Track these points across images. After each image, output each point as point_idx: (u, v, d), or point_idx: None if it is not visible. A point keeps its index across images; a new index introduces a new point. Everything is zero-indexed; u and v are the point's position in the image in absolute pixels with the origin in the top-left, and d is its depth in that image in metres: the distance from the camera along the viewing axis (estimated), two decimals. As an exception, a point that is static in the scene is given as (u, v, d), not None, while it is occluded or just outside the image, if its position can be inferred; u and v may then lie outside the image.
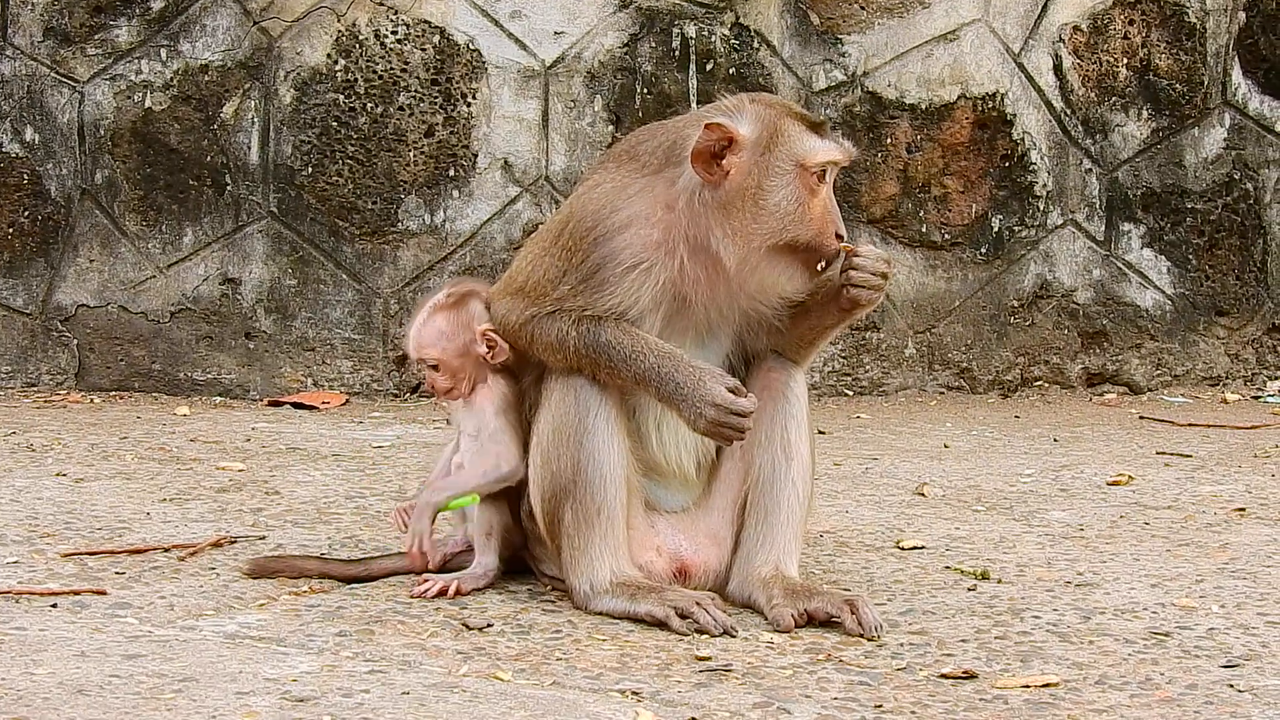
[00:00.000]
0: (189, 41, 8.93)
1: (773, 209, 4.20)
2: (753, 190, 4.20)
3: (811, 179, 4.22)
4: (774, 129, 4.24)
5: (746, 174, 4.21)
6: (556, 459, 4.30)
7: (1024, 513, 5.92)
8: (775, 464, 4.43)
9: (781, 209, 4.20)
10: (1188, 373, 9.99)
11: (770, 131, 4.24)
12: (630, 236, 4.26)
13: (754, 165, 4.21)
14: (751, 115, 4.27)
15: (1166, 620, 4.34)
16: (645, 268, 4.25)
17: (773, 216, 4.20)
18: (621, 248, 4.25)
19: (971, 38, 9.51)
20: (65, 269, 8.99)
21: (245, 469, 6.48)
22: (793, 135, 4.24)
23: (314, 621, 4.12)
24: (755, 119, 4.26)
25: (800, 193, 4.21)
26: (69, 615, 4.12)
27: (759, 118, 4.26)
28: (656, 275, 4.26)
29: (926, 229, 9.52)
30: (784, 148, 4.23)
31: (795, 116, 4.30)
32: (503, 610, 4.30)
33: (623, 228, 4.27)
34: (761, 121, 4.25)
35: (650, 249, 4.25)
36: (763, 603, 4.30)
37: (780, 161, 4.22)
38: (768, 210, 4.20)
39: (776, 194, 4.20)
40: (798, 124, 4.27)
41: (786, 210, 4.20)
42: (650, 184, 4.31)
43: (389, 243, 9.03)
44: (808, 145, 4.24)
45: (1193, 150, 9.90)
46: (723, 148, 4.22)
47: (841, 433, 8.11)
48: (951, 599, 4.53)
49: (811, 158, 4.22)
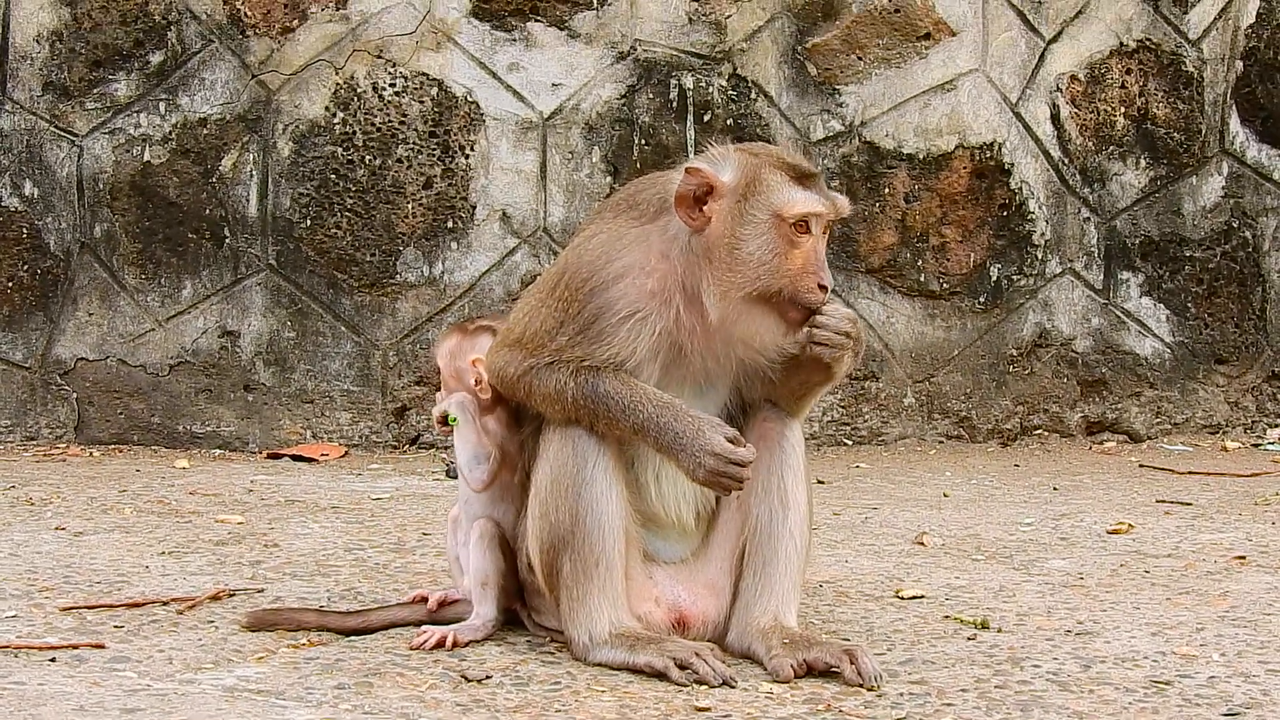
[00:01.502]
0: (187, 95, 8.97)
1: (746, 257, 4.19)
2: (729, 238, 4.20)
3: (789, 230, 4.19)
4: (753, 177, 4.23)
5: (724, 221, 4.21)
6: (555, 509, 4.29)
7: (1024, 561, 5.92)
8: (773, 514, 4.42)
9: (755, 259, 4.19)
10: (1187, 421, 10.00)
11: (749, 179, 4.23)
12: (626, 286, 4.27)
13: (731, 212, 4.21)
14: (734, 163, 4.27)
15: (1167, 669, 4.33)
16: (641, 317, 4.26)
17: (747, 265, 4.19)
18: (618, 297, 4.26)
19: (969, 87, 9.55)
20: (64, 322, 9.01)
21: (244, 521, 6.48)
22: (772, 185, 4.22)
23: (313, 674, 4.12)
24: (737, 166, 4.26)
25: (776, 243, 4.19)
26: (68, 669, 4.12)
27: (741, 165, 4.26)
28: (653, 325, 4.27)
29: (925, 278, 9.55)
30: (761, 196, 4.21)
31: (781, 166, 4.27)
32: (501, 662, 4.30)
33: (618, 277, 4.27)
34: (742, 169, 4.25)
35: (646, 298, 4.26)
36: (762, 653, 4.29)
37: (756, 210, 4.20)
38: (742, 259, 4.19)
39: (751, 243, 4.19)
40: (781, 174, 4.24)
41: (761, 260, 4.18)
42: (645, 233, 4.32)
43: (387, 295, 9.06)
44: (786, 196, 4.21)
45: (1191, 199, 9.94)
46: (704, 193, 4.23)
47: (841, 482, 8.11)
48: (951, 648, 4.53)
49: (789, 209, 4.19)
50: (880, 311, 9.49)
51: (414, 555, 5.77)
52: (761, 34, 9.31)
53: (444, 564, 4.89)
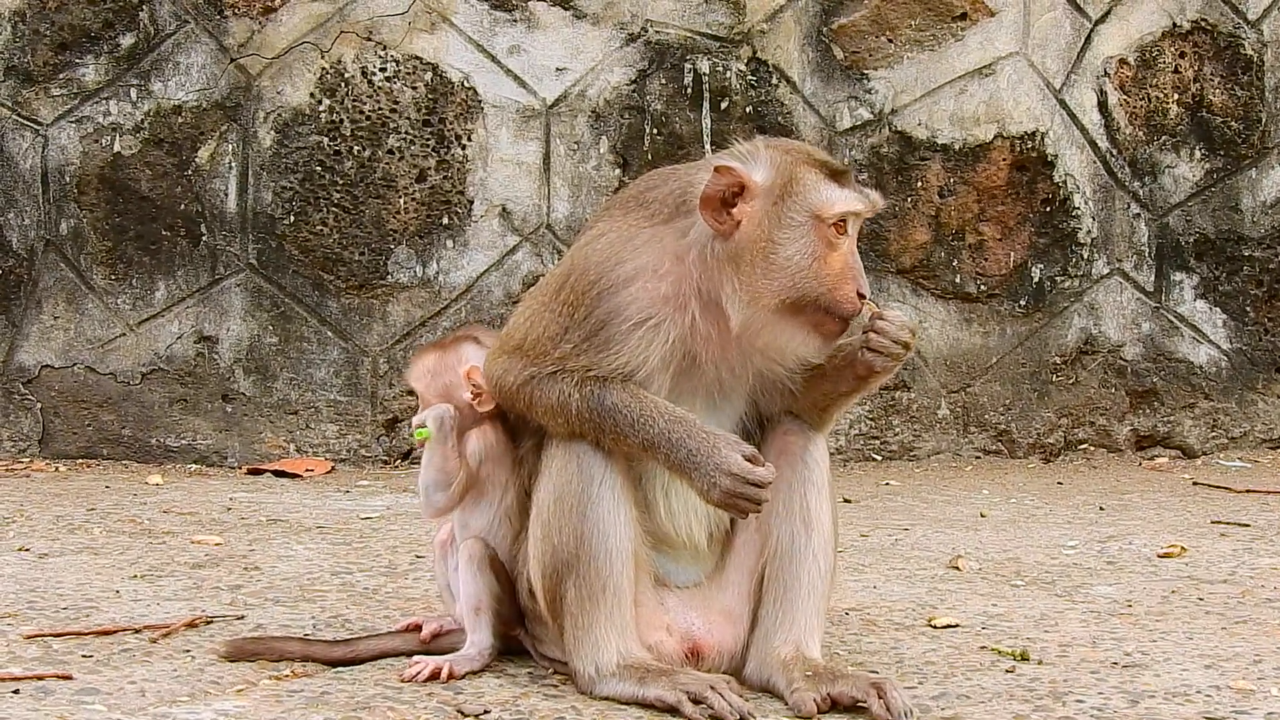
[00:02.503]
0: (161, 80, 9.00)
1: (784, 263, 4.20)
2: (764, 242, 4.20)
3: (829, 231, 4.20)
4: (789, 176, 4.24)
5: (758, 224, 4.21)
6: (558, 531, 4.29)
7: (1067, 588, 5.92)
8: (794, 535, 4.41)
9: (794, 263, 4.19)
10: (1245, 434, 10.01)
11: (785, 179, 4.24)
12: (637, 290, 4.27)
13: (766, 215, 4.21)
14: (766, 160, 4.27)
15: (1221, 704, 4.34)
16: (654, 324, 4.26)
17: (784, 271, 4.19)
18: (628, 302, 4.27)
19: (1009, 72, 9.57)
20: (28, 327, 9.04)
21: (222, 543, 6.50)
22: (809, 183, 4.23)
23: (296, 708, 4.14)
24: (770, 164, 4.26)
25: (816, 246, 4.20)
26: (31, 702, 4.14)
27: (774, 163, 4.26)
28: (666, 332, 4.27)
29: (960, 279, 9.56)
30: (799, 197, 4.22)
31: (814, 164, 4.29)
32: (500, 695, 4.31)
33: (629, 281, 4.28)
34: (776, 167, 4.26)
35: (659, 304, 4.27)
36: (783, 686, 4.29)
37: (794, 212, 4.21)
38: (778, 264, 4.20)
39: (789, 247, 4.20)
40: (816, 171, 4.26)
41: (800, 265, 4.19)
42: (659, 234, 4.33)
43: (377, 297, 9.08)
44: (825, 195, 4.22)
45: (1250, 193, 9.95)
46: (734, 194, 4.24)
47: (869, 501, 8.12)
48: (988, 681, 4.54)
49: (829, 209, 4.21)
50: (912, 315, 9.50)
51: (406, 579, 5.79)
52: (783, 14, 9.33)
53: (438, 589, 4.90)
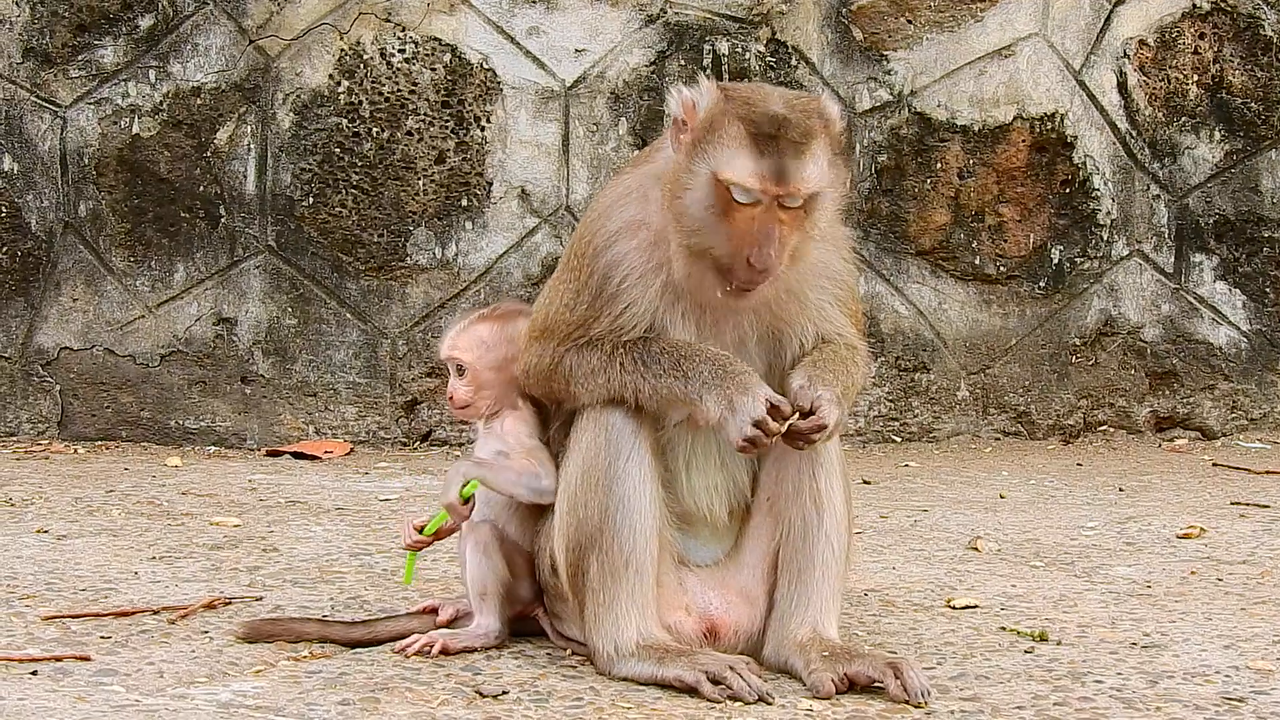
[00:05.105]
0: (180, 62, 9.00)
1: (681, 209, 4.14)
2: (671, 182, 4.17)
3: (724, 193, 4.07)
4: (712, 124, 4.14)
5: (678, 162, 4.17)
6: (584, 504, 4.28)
7: (1086, 568, 5.92)
8: (806, 517, 4.37)
9: (689, 213, 4.13)
10: (1265, 416, 9.98)
11: (708, 125, 4.14)
12: (626, 242, 4.28)
13: (687, 153, 4.16)
14: (710, 99, 4.17)
15: (1241, 685, 4.33)
16: (642, 273, 4.26)
17: (682, 217, 4.14)
18: (622, 254, 4.27)
19: (1028, 53, 9.54)
20: (46, 309, 9.05)
21: (241, 524, 6.51)
22: (724, 139, 4.11)
23: (315, 689, 4.14)
24: (709, 104, 4.17)
25: (711, 201, 4.10)
26: (50, 683, 4.14)
27: (712, 105, 4.16)
28: (654, 279, 4.26)
29: (980, 261, 9.54)
30: (709, 147, 4.11)
31: (745, 120, 4.11)
32: (519, 676, 4.31)
33: (618, 233, 4.29)
34: (708, 109, 4.16)
35: (645, 250, 4.27)
36: (800, 667, 4.28)
37: (699, 161, 4.12)
38: (678, 208, 4.14)
39: (688, 195, 4.13)
40: (740, 127, 4.10)
41: (694, 215, 4.12)
42: (641, 181, 4.34)
43: (396, 279, 9.08)
44: (728, 157, 4.09)
45: (1270, 174, 9.91)
46: (684, 122, 4.19)
47: (888, 482, 8.12)
48: (1007, 662, 4.53)
49: (725, 170, 4.08)
50: (932, 297, 9.49)
51: (425, 561, 5.78)
52: (802, -5, 9.32)
53: (457, 570, 4.90)
